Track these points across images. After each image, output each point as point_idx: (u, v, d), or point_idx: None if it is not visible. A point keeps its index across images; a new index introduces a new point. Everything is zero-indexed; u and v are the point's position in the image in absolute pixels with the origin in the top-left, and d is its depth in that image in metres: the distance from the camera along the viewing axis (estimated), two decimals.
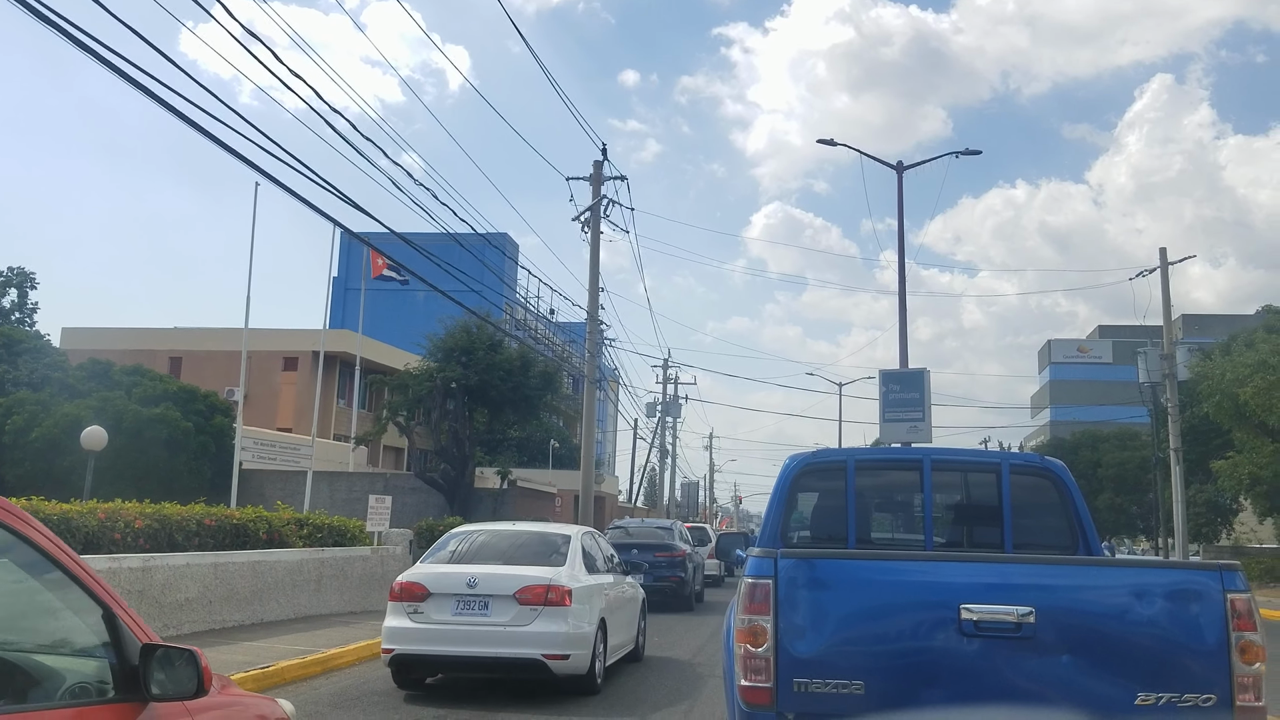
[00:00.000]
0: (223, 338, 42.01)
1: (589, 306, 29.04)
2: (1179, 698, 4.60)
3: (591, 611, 10.42)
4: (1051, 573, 4.95)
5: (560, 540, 11.13)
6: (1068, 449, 54.11)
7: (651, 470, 67.12)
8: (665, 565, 20.43)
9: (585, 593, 10.42)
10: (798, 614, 4.84)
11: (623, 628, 11.85)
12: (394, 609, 10.21)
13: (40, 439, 27.64)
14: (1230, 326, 52.42)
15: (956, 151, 30.09)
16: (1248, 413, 29.37)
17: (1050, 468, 7.19)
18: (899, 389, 26.75)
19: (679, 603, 20.42)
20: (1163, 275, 34.53)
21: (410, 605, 10.07)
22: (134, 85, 9.55)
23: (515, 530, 11.84)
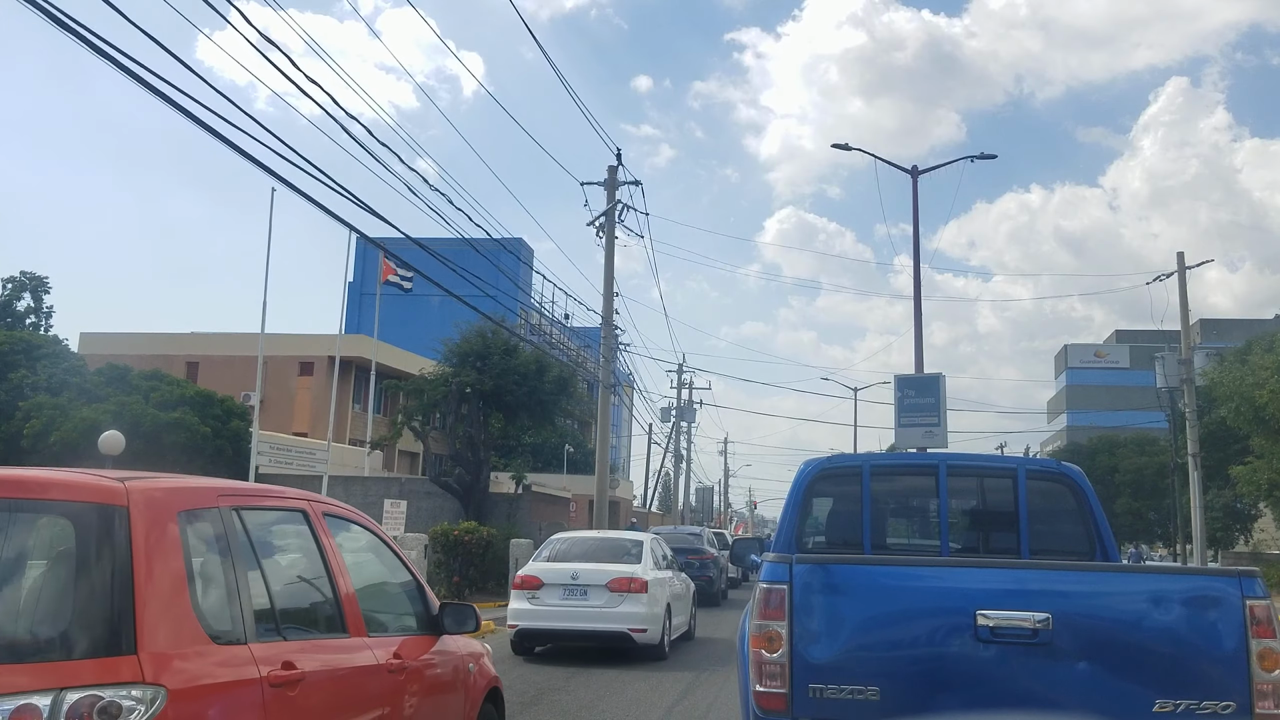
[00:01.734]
0: (239, 343, 42.22)
1: (604, 311, 29.07)
2: (1197, 705, 4.57)
3: (661, 598, 13.71)
4: (1069, 579, 4.93)
5: (633, 544, 14.57)
6: (1085, 454, 53.88)
7: (666, 475, 67.15)
8: (697, 566, 22.69)
9: (656, 583, 13.66)
10: (813, 619, 4.83)
11: (681, 612, 15.19)
12: (516, 596, 13.53)
13: (59, 443, 27.80)
14: (1248, 331, 52.11)
15: (971, 156, 30.02)
16: (1266, 417, 29.14)
17: (1067, 473, 7.16)
18: (914, 394, 26.67)
19: (708, 599, 22.62)
20: (1180, 279, 34.33)
21: (528, 593, 13.36)
22: (152, 91, 9.61)
23: (599, 536, 15.89)
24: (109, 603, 3.34)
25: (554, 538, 15.26)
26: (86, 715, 3.11)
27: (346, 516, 5.29)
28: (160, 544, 3.57)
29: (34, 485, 3.64)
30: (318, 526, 4.76)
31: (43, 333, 39.98)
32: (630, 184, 29.34)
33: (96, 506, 3.52)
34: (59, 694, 3.11)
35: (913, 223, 28.64)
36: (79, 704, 3.11)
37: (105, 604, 3.35)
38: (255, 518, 4.29)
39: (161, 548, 3.57)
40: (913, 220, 28.58)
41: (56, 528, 3.56)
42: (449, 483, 28.11)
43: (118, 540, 3.46)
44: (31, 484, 3.66)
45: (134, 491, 3.62)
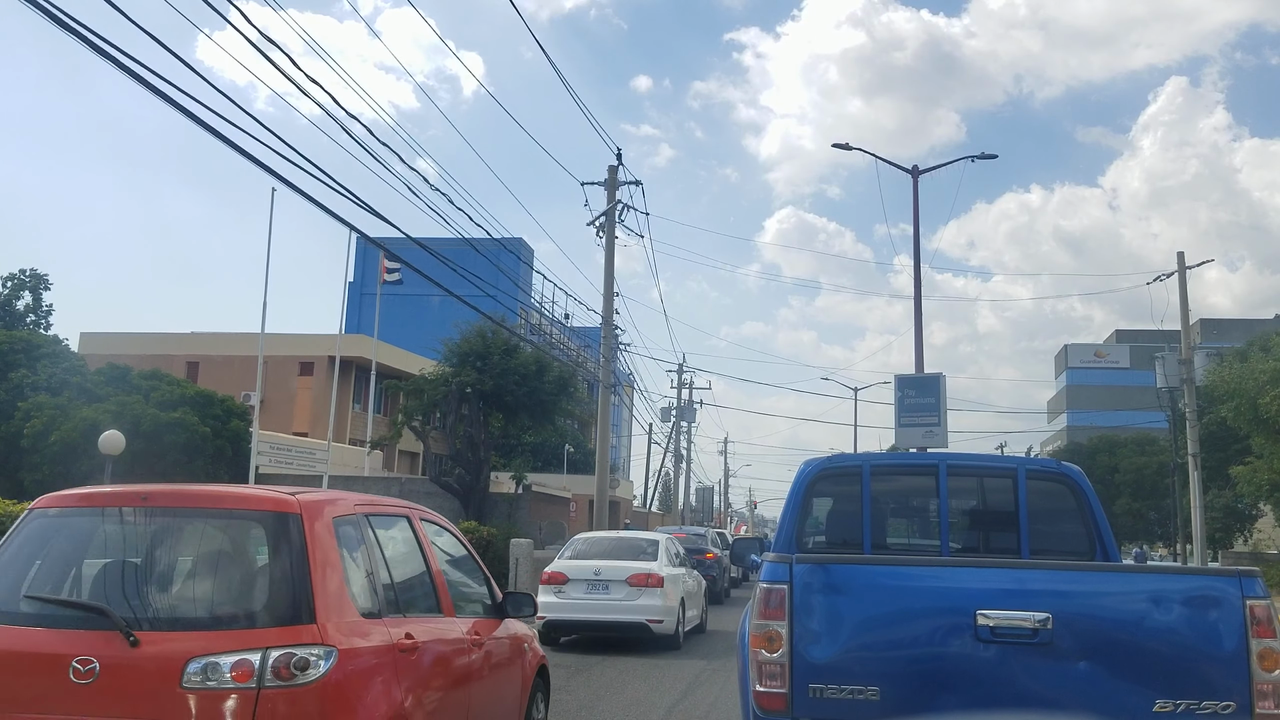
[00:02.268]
0: (239, 342, 42.23)
1: (604, 311, 29.07)
2: (1198, 705, 4.57)
3: (675, 592, 14.95)
4: (1069, 579, 4.93)
5: (649, 543, 15.97)
6: (1085, 454, 53.83)
7: (666, 475, 67.14)
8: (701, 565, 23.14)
9: (671, 579, 14.90)
10: (813, 619, 4.83)
11: (694, 606, 16.47)
12: (544, 590, 14.57)
13: (59, 443, 27.80)
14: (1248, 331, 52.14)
15: (972, 156, 30.00)
16: (1267, 418, 29.13)
17: (1067, 473, 7.15)
18: (914, 394, 26.66)
19: (712, 597, 23.13)
20: (1180, 279, 34.32)
21: (555, 587, 14.49)
22: (152, 91, 9.61)
23: (617, 536, 17.59)
24: (292, 586, 4.52)
25: (576, 538, 17.00)
26: (284, 668, 4.26)
27: (435, 521, 6.45)
28: (323, 542, 4.76)
29: (232, 499, 4.97)
30: (418, 529, 5.99)
31: (43, 332, 39.97)
32: (630, 184, 29.36)
33: (278, 515, 4.74)
34: (265, 652, 4.27)
35: (913, 223, 28.64)
36: (278, 660, 4.27)
37: (290, 587, 4.52)
38: (379, 522, 5.51)
39: (325, 545, 4.76)
40: (913, 220, 28.58)
41: (252, 530, 4.79)
42: (449, 483, 28.09)
43: (294, 539, 4.65)
44: (230, 498, 4.99)
45: (303, 503, 4.85)
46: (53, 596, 4.63)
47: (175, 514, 4.98)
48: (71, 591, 4.68)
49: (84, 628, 4.38)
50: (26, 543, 4.84)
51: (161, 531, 4.88)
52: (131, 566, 4.73)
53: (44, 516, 4.96)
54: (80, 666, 4.25)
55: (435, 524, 6.40)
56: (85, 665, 4.25)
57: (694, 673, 12.46)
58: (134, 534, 4.85)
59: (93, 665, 4.25)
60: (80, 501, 5.02)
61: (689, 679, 11.94)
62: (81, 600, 4.59)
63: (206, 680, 4.23)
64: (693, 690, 11.17)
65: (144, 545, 4.83)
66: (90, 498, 5.04)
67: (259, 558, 4.72)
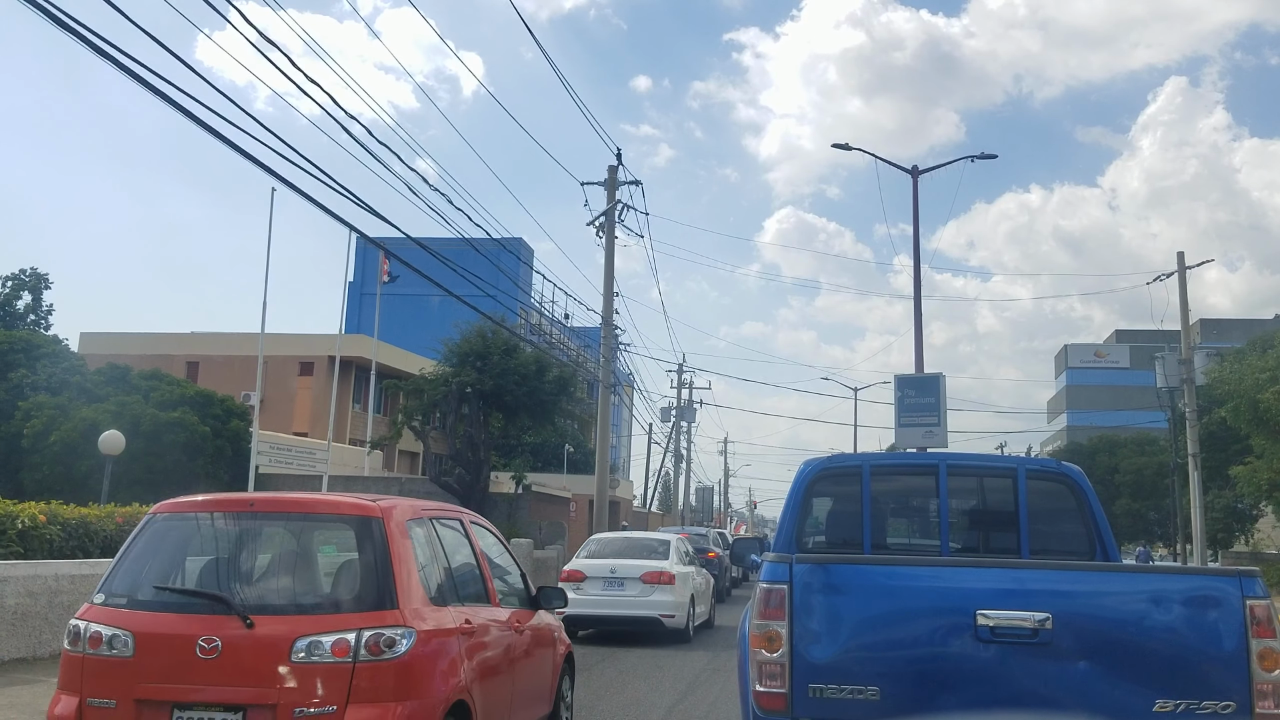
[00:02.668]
0: (239, 342, 42.21)
1: (604, 311, 29.07)
2: (1198, 705, 4.57)
3: (686, 589, 15.78)
4: (1069, 578, 4.92)
5: (661, 543, 16.86)
6: (1085, 454, 53.85)
7: (666, 475, 67.14)
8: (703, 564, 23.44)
9: (682, 576, 15.74)
10: (813, 619, 4.83)
11: (702, 602, 17.32)
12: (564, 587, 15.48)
13: (59, 443, 27.81)
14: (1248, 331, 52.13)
15: (972, 155, 29.98)
16: (1267, 418, 29.12)
17: (1067, 473, 7.15)
18: (914, 394, 26.65)
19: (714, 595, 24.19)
20: (1180, 279, 34.32)
21: (574, 584, 14.89)
22: (152, 91, 9.61)
23: (630, 536, 18.58)
24: (378, 578, 5.39)
25: (592, 538, 18.16)
26: (374, 645, 5.14)
27: (480, 523, 7.33)
28: (400, 541, 5.65)
29: (325, 505, 6.00)
30: (468, 530, 6.91)
31: (43, 332, 39.96)
32: (630, 184, 29.35)
33: (363, 518, 5.63)
34: (359, 633, 5.16)
35: (913, 223, 28.64)
36: (370, 639, 5.15)
37: (376, 578, 5.40)
38: (440, 525, 6.47)
39: (401, 543, 5.64)
40: (913, 220, 28.58)
41: (343, 531, 5.78)
42: (449, 482, 28.09)
43: (377, 539, 5.52)
44: (323, 504, 6.04)
45: (382, 508, 5.74)
46: (179, 587, 5.53)
47: (277, 518, 6.02)
48: (192, 582, 5.59)
49: (206, 612, 5.31)
50: (150, 542, 5.72)
51: (266, 533, 5.95)
52: (243, 562, 5.75)
53: (163, 520, 5.82)
54: (205, 645, 5.16)
55: (481, 526, 7.32)
56: (209, 644, 5.16)
57: (697, 670, 12.75)
58: (242, 535, 5.83)
59: (215, 643, 5.16)
60: (195, 507, 5.92)
61: (690, 678, 12.10)
62: (203, 590, 5.50)
63: (310, 656, 5.13)
64: (693, 690, 11.28)
65: (252, 544, 5.86)
66: (204, 504, 5.97)
67: (349, 554, 5.64)
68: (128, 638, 5.28)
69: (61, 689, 5.41)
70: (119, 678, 5.24)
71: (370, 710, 5.10)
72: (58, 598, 10.68)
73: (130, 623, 5.32)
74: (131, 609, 5.41)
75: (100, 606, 5.47)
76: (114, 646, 5.29)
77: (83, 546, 11.79)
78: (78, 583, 10.95)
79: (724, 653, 13.94)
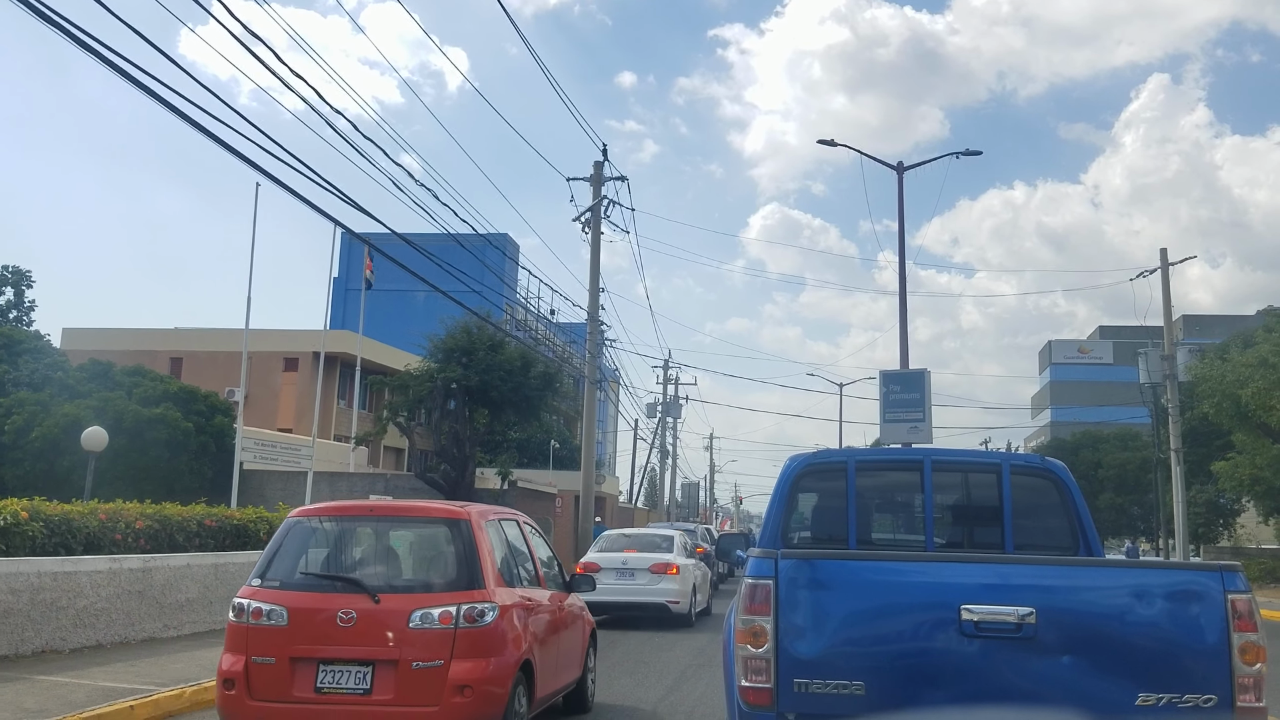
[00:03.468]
0: (223, 338, 42.00)
1: (589, 307, 29.04)
2: (1180, 698, 4.59)
3: (689, 579, 17.82)
4: (1052, 573, 4.94)
5: (665, 539, 18.98)
6: (1068, 450, 54.04)
7: (652, 471, 67.12)
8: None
9: (685, 568, 17.79)
10: (798, 614, 4.83)
11: (702, 591, 19.42)
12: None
13: (40, 439, 27.62)
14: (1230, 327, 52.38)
15: (957, 152, 30.06)
16: (1248, 413, 29.32)
17: (1051, 468, 7.17)
18: (899, 389, 26.73)
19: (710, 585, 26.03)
20: (1163, 276, 34.50)
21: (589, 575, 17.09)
22: (135, 85, 9.55)
23: (638, 532, 21.20)
24: (469, 565, 7.08)
25: (603, 534, 20.59)
26: (469, 615, 6.77)
27: (530, 523, 9.03)
28: (483, 537, 7.35)
29: (428, 510, 7.82)
30: (523, 528, 8.69)
31: (24, 328, 39.67)
32: (616, 179, 29.32)
33: (456, 520, 7.36)
34: (458, 606, 6.79)
35: (898, 219, 28.69)
36: (466, 611, 6.78)
37: (468, 566, 7.09)
38: (504, 524, 8.25)
39: (484, 539, 7.35)
40: (898, 217, 28.63)
41: (440, 530, 7.46)
42: (434, 479, 28.02)
43: (467, 536, 7.22)
44: (426, 509, 7.85)
45: (469, 512, 7.51)
46: (323, 573, 7.32)
47: (391, 520, 7.84)
48: (330, 569, 7.39)
49: (343, 592, 6.99)
50: (292, 539, 7.40)
51: (383, 531, 7.72)
52: (368, 553, 7.65)
53: (301, 523, 7.49)
54: (343, 616, 6.78)
55: (530, 525, 9.03)
56: (346, 615, 6.78)
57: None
58: (366, 533, 7.76)
59: (351, 615, 6.78)
60: (326, 512, 7.73)
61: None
62: (341, 575, 7.28)
63: (423, 624, 6.75)
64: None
65: (374, 540, 7.72)
66: (333, 510, 7.83)
67: (448, 548, 7.30)
68: (282, 611, 6.90)
69: (228, 651, 6.98)
70: (276, 641, 6.83)
71: (468, 664, 6.73)
72: (40, 595, 10.61)
73: (283, 600, 6.96)
74: (283, 589, 7.06)
75: (258, 588, 7.09)
76: (271, 618, 6.89)
77: (65, 544, 11.71)
78: (60, 580, 10.89)
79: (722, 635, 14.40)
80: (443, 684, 6.65)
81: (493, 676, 6.81)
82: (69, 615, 10.99)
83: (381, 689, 6.67)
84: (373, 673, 6.70)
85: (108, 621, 11.56)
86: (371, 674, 6.71)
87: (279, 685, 6.77)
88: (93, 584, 11.33)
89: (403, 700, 6.65)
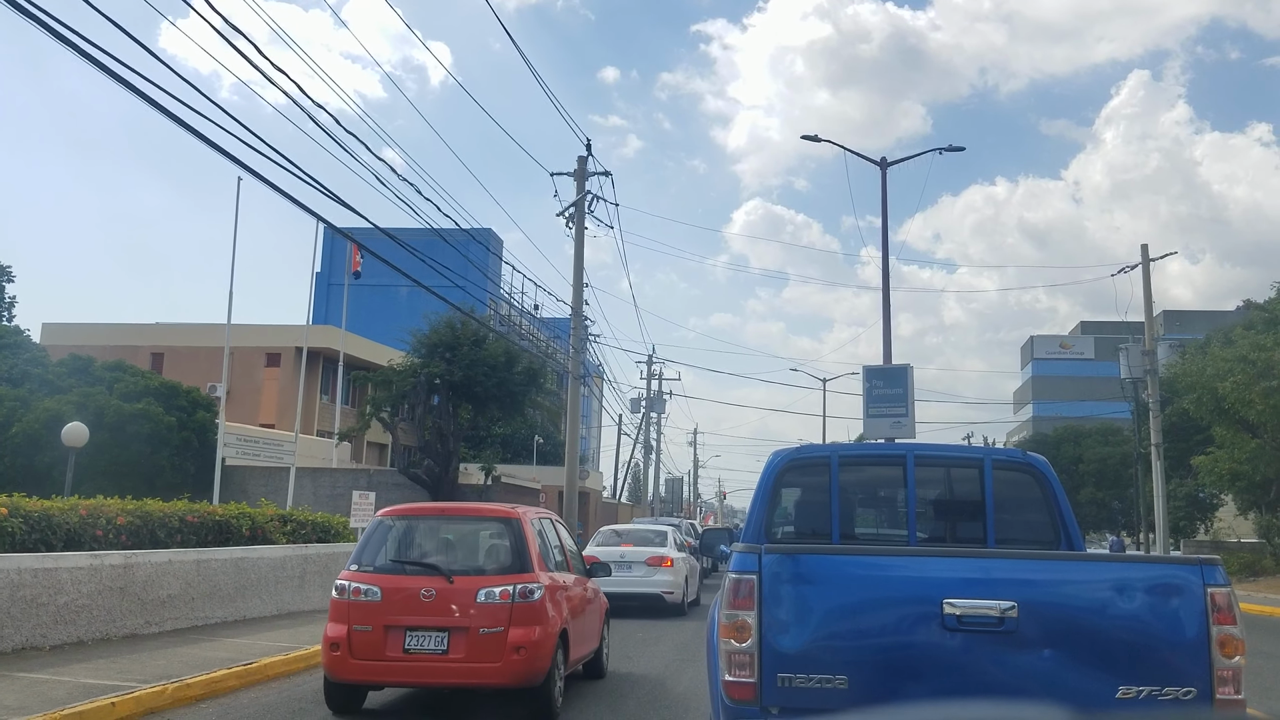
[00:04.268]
0: (205, 333, 41.75)
1: (573, 302, 28.99)
2: (1159, 691, 4.63)
3: (682, 571, 19.12)
4: (1034, 567, 4.97)
5: (659, 534, 20.47)
6: (1050, 444, 54.31)
7: (635, 466, 67.15)
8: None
9: (679, 560, 19.10)
10: (782, 609, 4.84)
11: (694, 582, 20.94)
12: None
13: (20, 435, 27.43)
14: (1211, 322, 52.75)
15: (940, 148, 30.07)
16: (1228, 408, 29.51)
17: (1032, 463, 7.20)
18: (883, 385, 26.76)
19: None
20: (1144, 271, 34.67)
21: None
22: (115, 79, 9.48)
23: (634, 528, 22.71)
24: (520, 554, 8.91)
25: (601, 530, 22.28)
26: (523, 593, 8.52)
27: (560, 520, 11.14)
28: (531, 531, 9.20)
29: (489, 510, 10.33)
30: (556, 524, 10.72)
31: (4, 324, 39.37)
32: (600, 174, 29.27)
33: (510, 519, 9.24)
34: (514, 585, 8.56)
35: (882, 215, 28.74)
36: (520, 589, 8.54)
37: (519, 554, 8.90)
38: (544, 521, 10.22)
39: (531, 533, 9.18)
40: (882, 212, 28.68)
41: (498, 527, 9.35)
42: (418, 474, 27.97)
43: (518, 531, 9.06)
44: (488, 510, 10.49)
45: (519, 512, 9.44)
46: (407, 560, 9.12)
47: (459, 519, 10.04)
48: (413, 557, 9.18)
49: (424, 575, 8.80)
50: (378, 534, 9.34)
51: (454, 528, 9.73)
52: (443, 544, 9.46)
53: (388, 520, 9.47)
54: (425, 593, 8.58)
55: (560, 522, 11.12)
56: (427, 593, 8.58)
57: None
58: (440, 528, 9.66)
59: (431, 592, 8.58)
60: (405, 512, 9.77)
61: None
62: (423, 561, 9.07)
63: (488, 599, 8.56)
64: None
65: (448, 534, 9.60)
66: (412, 510, 10.02)
67: (504, 540, 9.20)
68: (376, 590, 8.68)
69: (332, 621, 8.73)
70: (372, 613, 8.59)
71: (522, 631, 8.52)
72: (20, 591, 10.53)
73: (377, 581, 8.77)
74: (376, 573, 8.88)
75: (355, 572, 8.90)
76: (367, 595, 8.66)
77: (45, 540, 11.62)
78: (40, 576, 10.81)
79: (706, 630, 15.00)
80: (503, 646, 8.43)
81: (541, 640, 8.61)
82: (49, 612, 10.92)
83: (455, 650, 8.48)
84: (449, 637, 8.50)
85: (89, 618, 11.49)
86: (448, 638, 8.50)
87: (374, 648, 8.54)
88: (73, 580, 11.26)
89: (472, 659, 8.45)
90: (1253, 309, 35.91)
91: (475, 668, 8.43)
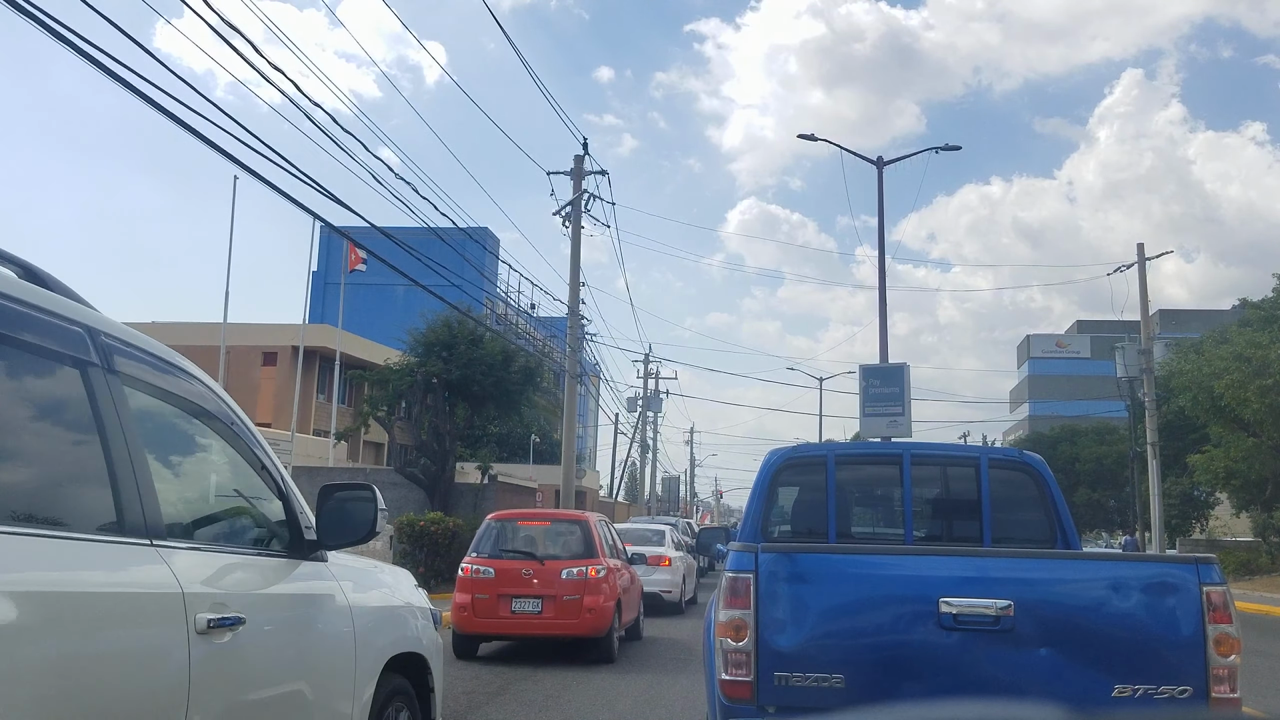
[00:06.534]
0: (201, 332, 41.63)
1: (570, 301, 28.98)
2: (1155, 689, 4.63)
3: (680, 570, 19.93)
4: (1030, 566, 4.98)
5: (657, 533, 21.34)
6: (1046, 443, 54.40)
7: (632, 465, 67.19)
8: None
9: (677, 560, 19.96)
10: (778, 608, 4.84)
11: (692, 581, 21.87)
12: None
13: None
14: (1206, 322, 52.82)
15: (936, 147, 30.14)
16: (1223, 407, 29.56)
17: (1028, 462, 7.21)
18: (879, 384, 26.81)
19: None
20: (1140, 270, 34.72)
21: None
22: (111, 77, 9.46)
23: (632, 526, 23.30)
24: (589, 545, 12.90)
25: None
26: (592, 571, 12.54)
27: (609, 521, 14.91)
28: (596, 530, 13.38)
29: (566, 515, 14.97)
30: (608, 524, 14.49)
31: None
32: (597, 173, 29.25)
33: (582, 521, 13.56)
34: (585, 566, 12.52)
35: (878, 214, 28.79)
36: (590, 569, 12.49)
37: (588, 545, 12.90)
38: (602, 523, 14.24)
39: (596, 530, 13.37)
40: (878, 212, 28.72)
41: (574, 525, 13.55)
42: (414, 473, 27.94)
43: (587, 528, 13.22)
44: (566, 514, 15.07)
45: (587, 516, 13.97)
46: (513, 549, 12.68)
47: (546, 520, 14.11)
48: (516, 547, 12.72)
49: (524, 559, 12.51)
50: (490, 529, 13.01)
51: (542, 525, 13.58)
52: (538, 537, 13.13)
53: (493, 521, 13.27)
54: (525, 572, 12.31)
55: (609, 522, 14.81)
56: (527, 572, 12.31)
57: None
58: (531, 526, 13.50)
59: (529, 572, 12.31)
60: (509, 516, 13.80)
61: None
62: (523, 550, 12.66)
63: (568, 577, 12.23)
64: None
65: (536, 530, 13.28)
66: (513, 514, 14.19)
67: (578, 535, 12.93)
68: (490, 570, 12.34)
69: (459, 591, 12.33)
70: (487, 585, 12.20)
71: (594, 597, 12.13)
72: None
73: (491, 564, 12.43)
74: (490, 558, 12.53)
75: (475, 558, 12.55)
76: (484, 574, 12.31)
77: None
78: None
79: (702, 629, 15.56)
80: (580, 608, 12.02)
81: (604, 604, 12.21)
82: None
83: (546, 611, 12.08)
84: (542, 602, 12.10)
85: None
86: (541, 603, 12.11)
87: (490, 610, 12.11)
88: None
89: (558, 617, 12.02)
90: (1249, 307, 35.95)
91: (560, 623, 12.01)
